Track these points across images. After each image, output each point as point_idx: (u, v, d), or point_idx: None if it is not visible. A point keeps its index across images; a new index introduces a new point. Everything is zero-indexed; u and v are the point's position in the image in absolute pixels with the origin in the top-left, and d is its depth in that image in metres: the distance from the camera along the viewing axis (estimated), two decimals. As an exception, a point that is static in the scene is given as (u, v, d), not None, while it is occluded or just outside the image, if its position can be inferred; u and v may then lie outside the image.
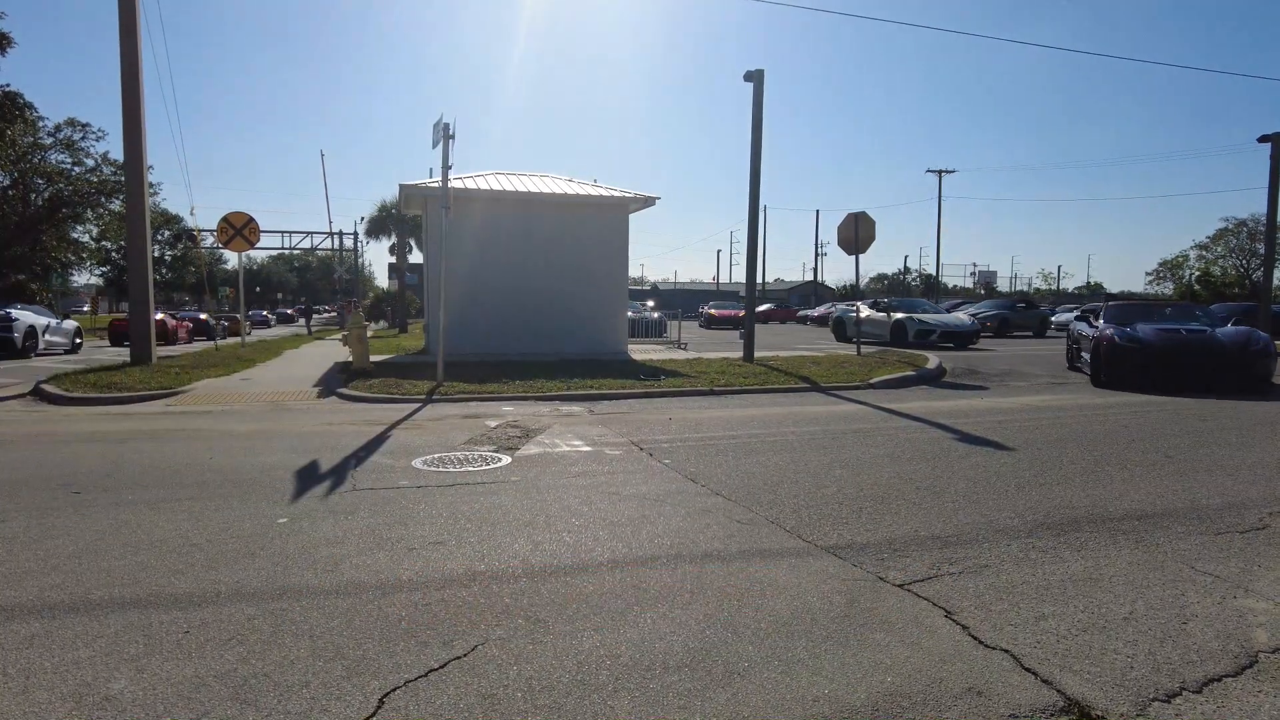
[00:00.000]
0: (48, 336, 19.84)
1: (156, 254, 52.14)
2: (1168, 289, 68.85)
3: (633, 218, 17.72)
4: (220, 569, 3.52)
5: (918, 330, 20.55)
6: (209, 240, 44.80)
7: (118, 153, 35.06)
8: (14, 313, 18.81)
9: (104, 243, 45.14)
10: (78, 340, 22.22)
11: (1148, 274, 73.29)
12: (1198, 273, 65.93)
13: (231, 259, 63.90)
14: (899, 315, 21.44)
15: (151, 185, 38.10)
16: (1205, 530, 4.19)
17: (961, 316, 22.98)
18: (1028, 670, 2.60)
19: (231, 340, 26.84)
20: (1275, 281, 26.52)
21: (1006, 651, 2.73)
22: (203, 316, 33.55)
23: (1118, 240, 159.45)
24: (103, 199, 38.62)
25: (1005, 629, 2.92)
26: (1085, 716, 2.32)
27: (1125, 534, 4.12)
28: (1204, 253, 66.00)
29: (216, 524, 4.23)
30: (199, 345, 25.28)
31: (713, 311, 40.65)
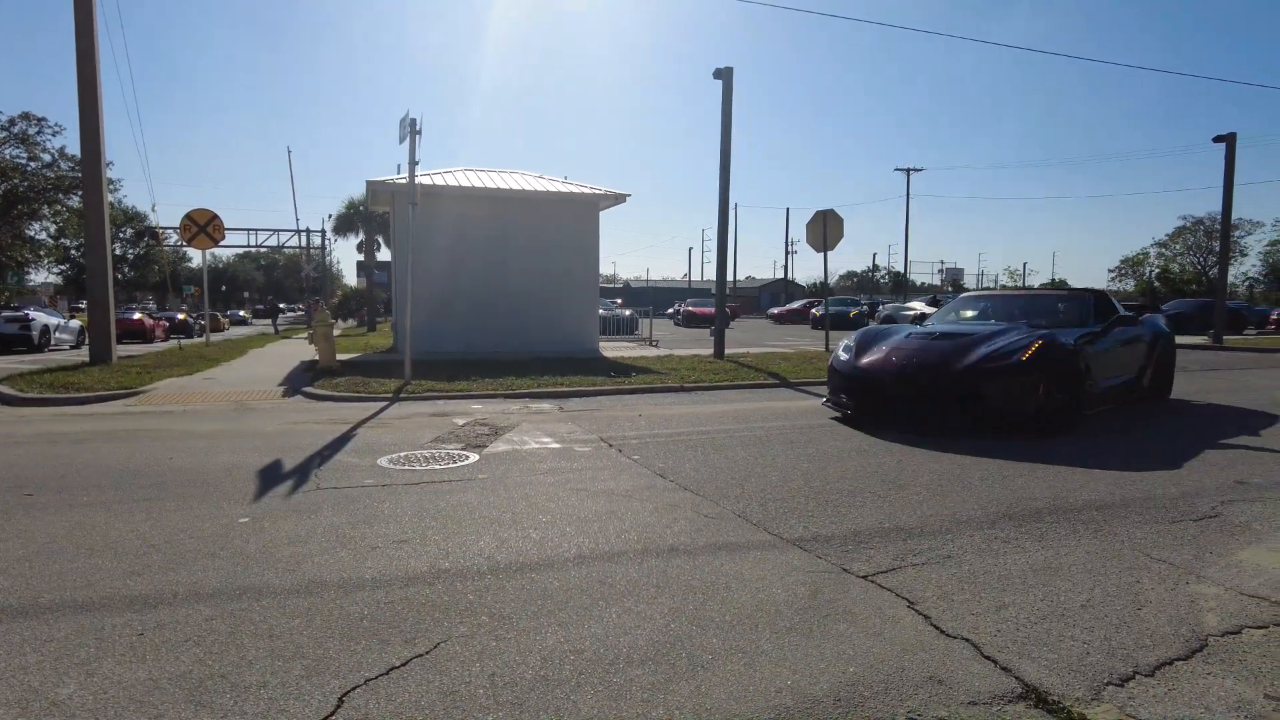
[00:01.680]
0: (57, 334, 22.48)
1: (118, 252, 51.02)
2: (1129, 286, 70.41)
3: (604, 215, 17.70)
4: (178, 570, 3.45)
5: None
6: (172, 238, 43.92)
7: (75, 147, 34.29)
8: (31, 313, 21.83)
9: (62, 240, 44.04)
10: (83, 338, 23.96)
11: (1110, 271, 74.86)
12: (1157, 270, 67.49)
13: (196, 257, 62.82)
14: None
15: (111, 181, 37.34)
16: (1161, 519, 4.29)
17: None
18: (987, 658, 2.63)
19: (196, 339, 26.42)
20: (1230, 278, 27.22)
21: (967, 640, 2.77)
22: (180, 316, 33.36)
23: (1082, 238, 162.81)
24: (60, 195, 37.65)
25: (966, 618, 2.95)
26: (1042, 702, 2.36)
27: (1085, 524, 4.20)
28: (1163, 250, 67.62)
29: (175, 525, 4.14)
30: (173, 344, 24.91)
31: (692, 310, 40.72)
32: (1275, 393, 10.23)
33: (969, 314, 9.20)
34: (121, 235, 50.54)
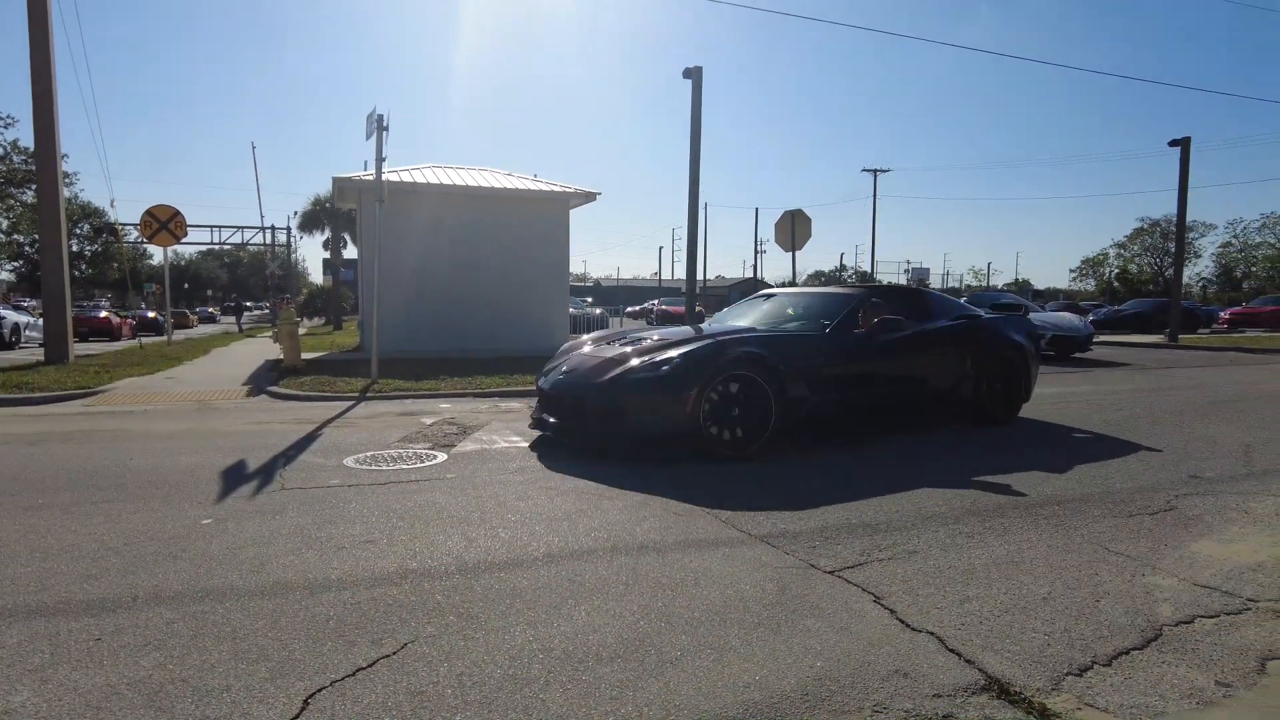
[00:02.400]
0: (28, 332, 22.24)
1: (75, 249, 49.77)
2: (1090, 285, 72.04)
3: (574, 214, 17.67)
4: (138, 573, 3.38)
5: None
6: (132, 234, 42.91)
7: (28, 140, 33.36)
8: (2, 311, 21.96)
9: (15, 236, 42.86)
10: None
11: (1071, 271, 76.53)
12: (1117, 270, 69.18)
13: (157, 254, 61.48)
14: None
15: (67, 175, 36.38)
16: (1119, 513, 4.40)
17: (1071, 317, 17.63)
18: (952, 651, 2.67)
19: (160, 338, 25.93)
20: (1185, 279, 27.93)
21: (932, 634, 2.81)
22: (151, 314, 33.01)
23: (1044, 238, 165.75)
24: (13, 189, 36.64)
25: (931, 612, 3.00)
26: (1004, 693, 2.40)
27: (1046, 518, 4.29)
28: (1122, 251, 69.41)
29: (135, 527, 4.05)
30: (133, 344, 24.39)
31: (666, 309, 40.90)
32: (1225, 389, 10.53)
33: (741, 314, 8.06)
34: (78, 231, 49.36)
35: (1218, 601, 3.13)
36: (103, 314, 28.53)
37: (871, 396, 6.84)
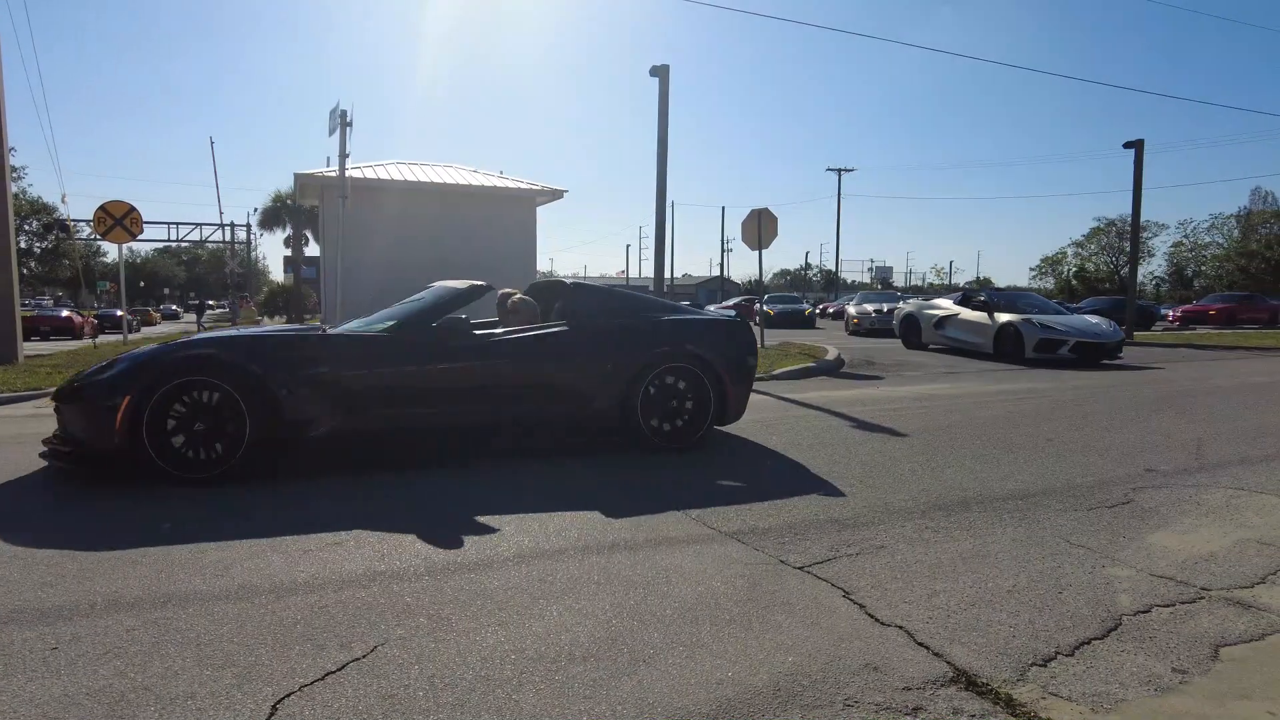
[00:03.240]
0: None
1: (24, 245, 48.27)
2: (1049, 284, 73.73)
3: (541, 211, 17.60)
4: (96, 579, 3.29)
5: (1041, 340, 13.89)
6: (85, 231, 41.77)
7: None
8: None
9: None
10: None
11: (1031, 269, 78.32)
12: (1075, 268, 70.87)
13: (111, 251, 60.05)
14: (1008, 317, 14.80)
15: (14, 169, 35.27)
16: (1079, 506, 4.50)
17: (1097, 321, 15.25)
18: (920, 645, 2.72)
19: (133, 335, 25.30)
20: (1139, 278, 28.67)
21: (901, 628, 2.85)
22: (119, 313, 32.51)
23: (1005, 237, 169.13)
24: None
25: (900, 606, 3.04)
26: (972, 684, 2.45)
27: (1010, 513, 4.37)
28: (1080, 250, 71.13)
29: (93, 532, 3.94)
30: (87, 343, 23.71)
31: None
32: (1178, 384, 10.83)
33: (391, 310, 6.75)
34: (27, 227, 47.88)
35: (1173, 591, 3.22)
36: (64, 313, 28.01)
37: (455, 412, 5.56)
